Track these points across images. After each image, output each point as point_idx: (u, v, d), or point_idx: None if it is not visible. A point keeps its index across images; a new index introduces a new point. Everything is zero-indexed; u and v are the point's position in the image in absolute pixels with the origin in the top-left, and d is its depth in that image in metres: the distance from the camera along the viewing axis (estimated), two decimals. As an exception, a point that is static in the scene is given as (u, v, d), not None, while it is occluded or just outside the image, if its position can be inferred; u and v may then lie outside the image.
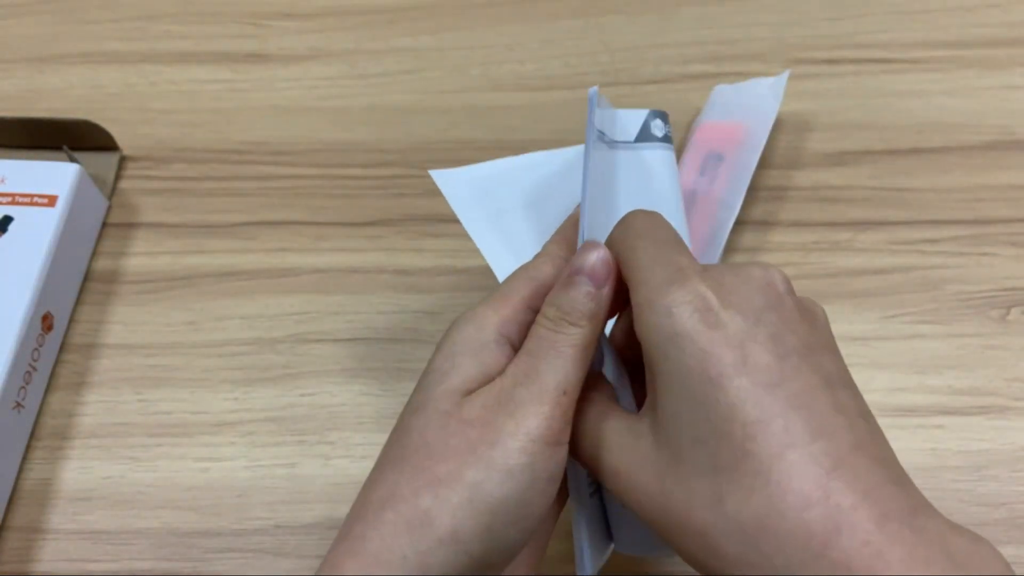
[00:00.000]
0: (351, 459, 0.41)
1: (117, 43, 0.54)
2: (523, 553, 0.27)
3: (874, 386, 0.42)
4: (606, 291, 0.27)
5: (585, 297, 0.27)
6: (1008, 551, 0.24)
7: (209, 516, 0.40)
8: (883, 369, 0.42)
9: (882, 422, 0.26)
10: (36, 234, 0.43)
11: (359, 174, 0.49)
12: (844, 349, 0.27)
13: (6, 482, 0.40)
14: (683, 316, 0.24)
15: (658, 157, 0.35)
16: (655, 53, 0.53)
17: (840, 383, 0.25)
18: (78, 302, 0.46)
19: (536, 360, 0.26)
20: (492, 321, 0.28)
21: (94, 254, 0.47)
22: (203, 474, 0.41)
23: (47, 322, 0.43)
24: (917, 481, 0.25)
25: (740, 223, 0.45)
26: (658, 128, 0.36)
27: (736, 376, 0.23)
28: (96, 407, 0.43)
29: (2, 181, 0.44)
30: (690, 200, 0.44)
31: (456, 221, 0.48)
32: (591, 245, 0.28)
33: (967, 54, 0.52)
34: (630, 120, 0.35)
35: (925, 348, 0.43)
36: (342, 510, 0.33)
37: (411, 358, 0.43)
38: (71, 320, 0.45)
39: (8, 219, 0.43)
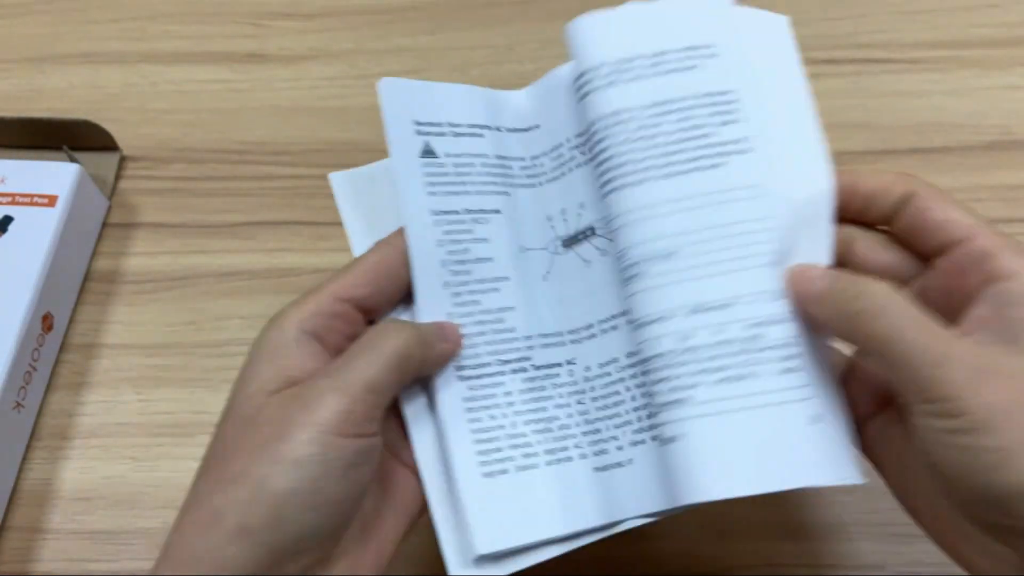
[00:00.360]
0: (351, 459, 0.41)
1: (117, 43, 0.54)
2: (365, 542, 0.28)
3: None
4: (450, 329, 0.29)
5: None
6: None
7: (209, 516, 0.40)
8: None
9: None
10: (36, 234, 0.43)
11: (359, 174, 0.49)
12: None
13: (6, 482, 0.40)
14: None
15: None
16: (655, 53, 0.53)
17: None
18: (78, 302, 0.46)
19: (351, 356, 0.27)
20: (293, 320, 0.28)
21: (94, 254, 0.47)
22: (203, 474, 0.41)
23: (47, 322, 0.43)
24: None
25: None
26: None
27: None
28: (96, 407, 0.43)
29: (2, 181, 0.44)
30: None
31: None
32: None
33: (967, 54, 0.52)
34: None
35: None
36: (342, 510, 0.33)
37: (411, 358, 0.44)
38: (71, 320, 0.45)
39: (8, 219, 0.43)
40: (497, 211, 0.32)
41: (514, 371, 0.31)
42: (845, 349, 0.30)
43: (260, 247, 0.47)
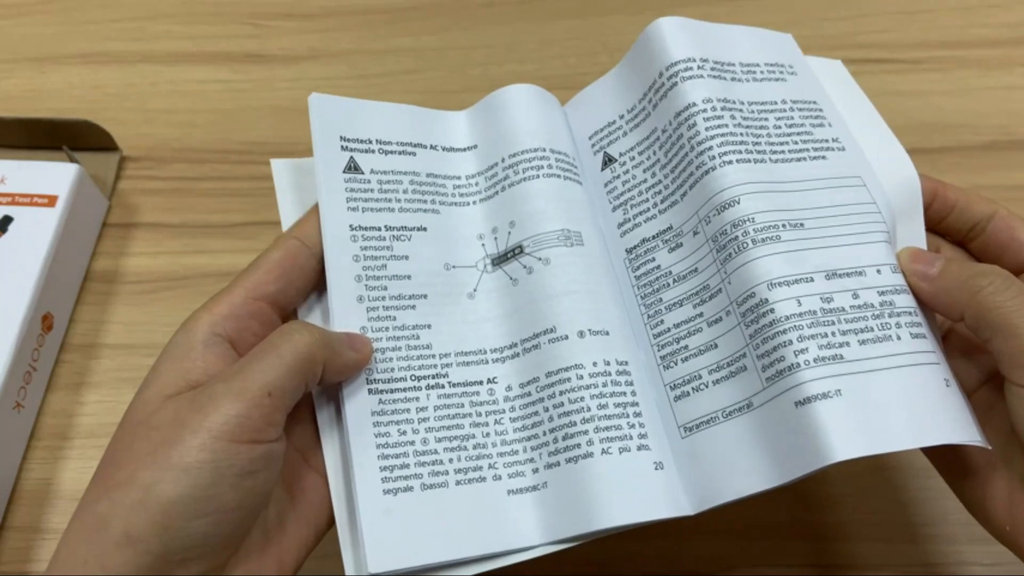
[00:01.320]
0: (351, 459, 0.41)
1: (117, 43, 0.54)
2: (266, 550, 0.27)
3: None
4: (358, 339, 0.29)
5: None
6: None
7: (209, 516, 0.40)
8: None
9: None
10: (36, 234, 0.43)
11: (359, 174, 0.49)
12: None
13: (6, 482, 0.40)
14: None
15: None
16: (655, 53, 0.53)
17: None
18: (78, 302, 0.46)
19: (250, 359, 0.26)
20: (203, 322, 0.28)
21: (94, 254, 0.47)
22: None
23: (47, 322, 0.43)
24: None
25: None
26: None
27: None
28: (96, 407, 0.43)
29: (2, 181, 0.44)
30: None
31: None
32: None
33: (967, 54, 0.52)
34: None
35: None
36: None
37: (411, 358, 0.44)
38: (71, 320, 0.45)
39: (8, 219, 0.43)
40: (423, 228, 0.32)
41: (429, 387, 0.30)
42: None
43: (260, 247, 0.46)
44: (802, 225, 0.30)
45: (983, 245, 0.32)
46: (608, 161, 0.35)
